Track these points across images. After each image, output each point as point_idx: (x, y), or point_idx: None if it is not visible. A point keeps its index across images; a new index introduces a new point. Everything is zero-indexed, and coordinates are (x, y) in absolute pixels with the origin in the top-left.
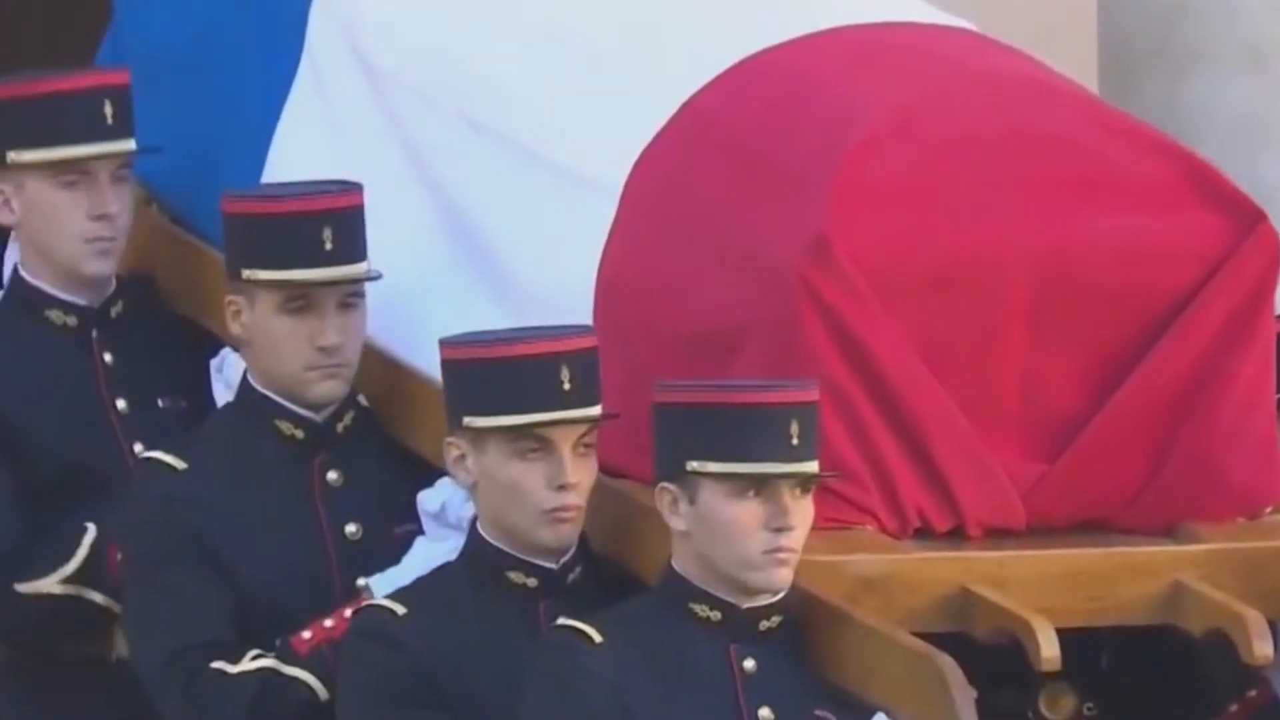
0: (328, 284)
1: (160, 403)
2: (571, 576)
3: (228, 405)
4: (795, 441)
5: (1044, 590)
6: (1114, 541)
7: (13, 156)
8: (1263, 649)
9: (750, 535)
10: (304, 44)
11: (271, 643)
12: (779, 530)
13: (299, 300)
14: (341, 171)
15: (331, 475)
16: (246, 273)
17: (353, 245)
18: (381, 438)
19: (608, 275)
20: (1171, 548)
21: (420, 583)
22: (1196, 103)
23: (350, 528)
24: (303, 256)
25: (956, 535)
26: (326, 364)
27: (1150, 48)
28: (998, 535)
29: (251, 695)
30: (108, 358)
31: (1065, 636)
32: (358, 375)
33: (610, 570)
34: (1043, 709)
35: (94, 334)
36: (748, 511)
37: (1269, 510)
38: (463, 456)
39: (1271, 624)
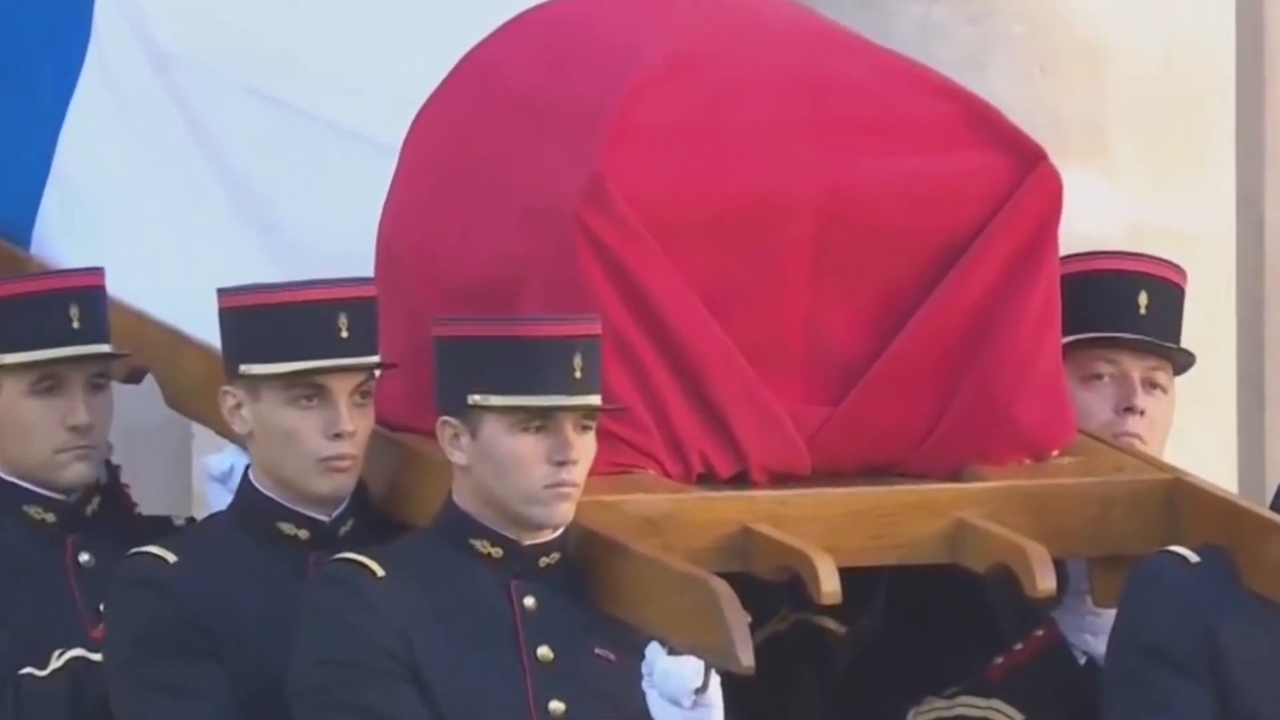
0: (76, 360)
1: None
2: (344, 530)
3: None
4: (578, 374)
5: (827, 528)
6: (898, 483)
7: None
8: (1045, 581)
9: (532, 469)
10: (91, 30)
11: None
12: (561, 464)
13: (48, 381)
14: (130, 153)
15: (84, 557)
16: None
17: (99, 325)
18: (131, 518)
19: (389, 231)
20: (954, 486)
21: (191, 531)
22: None
23: (105, 608)
24: (50, 336)
25: (742, 481)
26: (77, 445)
27: None
28: (782, 480)
29: (66, 690)
30: None
31: None
32: (151, 354)
33: (387, 527)
34: None
35: None
36: (529, 445)
37: (1055, 454)
38: (239, 405)
39: (1056, 562)
